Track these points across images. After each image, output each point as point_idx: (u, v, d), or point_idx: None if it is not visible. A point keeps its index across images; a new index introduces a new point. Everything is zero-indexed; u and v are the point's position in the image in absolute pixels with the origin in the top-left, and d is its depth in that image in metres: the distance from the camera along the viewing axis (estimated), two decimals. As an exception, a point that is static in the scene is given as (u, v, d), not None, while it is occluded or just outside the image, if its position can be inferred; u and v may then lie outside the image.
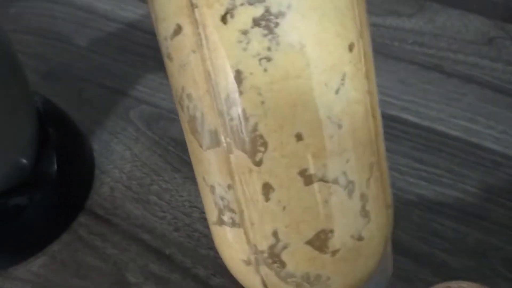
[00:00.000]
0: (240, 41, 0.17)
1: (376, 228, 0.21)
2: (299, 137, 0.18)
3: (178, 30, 0.18)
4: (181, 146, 0.35)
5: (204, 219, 0.31)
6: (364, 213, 0.20)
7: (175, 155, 0.35)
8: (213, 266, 0.29)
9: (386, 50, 0.41)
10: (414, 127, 0.35)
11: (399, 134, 0.35)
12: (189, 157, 0.34)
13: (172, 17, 0.18)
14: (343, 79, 0.18)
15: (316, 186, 0.18)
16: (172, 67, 0.20)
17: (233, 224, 0.20)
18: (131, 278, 0.29)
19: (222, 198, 0.20)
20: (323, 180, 0.18)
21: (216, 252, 0.30)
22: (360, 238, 0.20)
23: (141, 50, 0.43)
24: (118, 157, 0.35)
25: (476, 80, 0.38)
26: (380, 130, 0.20)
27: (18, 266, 0.30)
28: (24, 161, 0.30)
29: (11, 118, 0.28)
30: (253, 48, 0.17)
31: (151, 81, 0.40)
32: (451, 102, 0.36)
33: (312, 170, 0.18)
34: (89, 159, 0.35)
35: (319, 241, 0.19)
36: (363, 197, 0.19)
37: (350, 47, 0.18)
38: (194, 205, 0.32)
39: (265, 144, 0.18)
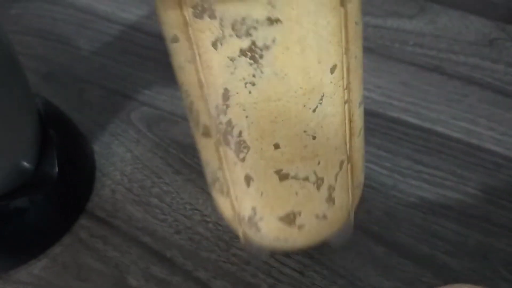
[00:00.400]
0: (228, 66, 0.18)
1: (339, 208, 0.24)
2: (276, 146, 0.21)
3: (176, 39, 0.19)
4: (182, 148, 0.35)
5: (205, 222, 0.31)
6: (330, 199, 0.23)
7: (176, 157, 0.35)
8: (214, 269, 0.29)
9: (386, 52, 0.41)
10: (415, 128, 0.35)
11: (400, 136, 0.35)
12: (190, 159, 0.34)
13: (171, 27, 0.19)
14: (321, 99, 0.20)
15: (289, 182, 0.22)
16: (173, 61, 0.21)
17: (222, 193, 0.24)
18: (132, 281, 0.29)
19: (214, 173, 0.24)
20: (295, 178, 0.22)
21: (218, 255, 0.30)
22: (324, 217, 0.24)
23: (142, 52, 0.43)
24: (119, 159, 0.35)
25: (477, 81, 0.38)
26: (357, 128, 0.23)
27: (19, 269, 0.30)
28: (25, 163, 0.30)
29: (12, 120, 0.28)
30: (240, 74, 0.18)
31: (152, 83, 0.40)
32: (452, 104, 0.36)
33: (286, 171, 0.21)
34: (90, 161, 0.35)
35: (289, 219, 0.24)
36: (330, 188, 0.23)
37: (332, 70, 0.19)
38: (195, 207, 0.32)
39: (247, 148, 0.21)
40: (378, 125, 0.35)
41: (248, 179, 0.22)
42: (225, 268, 0.29)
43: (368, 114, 0.36)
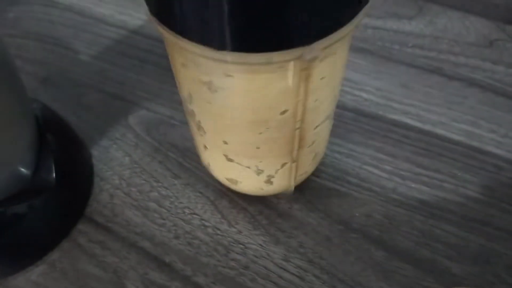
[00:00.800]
0: (193, 80, 0.22)
1: (278, 187, 0.29)
2: (225, 142, 0.25)
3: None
4: (181, 152, 0.35)
5: (204, 226, 0.31)
6: (269, 182, 0.28)
7: (175, 162, 0.34)
8: (214, 274, 0.29)
9: (386, 53, 0.40)
10: (415, 131, 0.35)
11: (400, 139, 0.34)
12: (189, 163, 0.34)
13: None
14: (267, 128, 0.23)
15: (234, 164, 0.27)
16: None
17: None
18: (131, 287, 0.29)
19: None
20: (239, 164, 0.27)
21: (217, 260, 0.29)
22: (261, 189, 0.29)
23: (141, 55, 0.42)
24: (118, 163, 0.35)
25: (477, 83, 0.38)
26: (308, 142, 0.26)
27: (17, 275, 0.30)
28: (23, 169, 0.30)
29: (9, 126, 0.28)
30: (200, 90, 0.22)
31: (150, 86, 0.40)
32: (453, 106, 0.36)
33: (232, 158, 0.26)
34: (88, 165, 0.34)
35: (232, 181, 0.29)
36: (269, 176, 0.27)
37: (282, 113, 0.22)
38: (194, 212, 0.32)
39: (204, 132, 0.26)
40: (378, 128, 0.35)
41: (205, 147, 0.28)
42: (224, 273, 0.29)
43: (368, 117, 0.36)
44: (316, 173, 0.33)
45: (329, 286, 0.28)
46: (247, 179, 0.28)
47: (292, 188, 0.30)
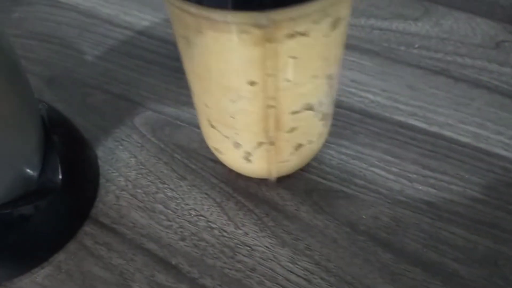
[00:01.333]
0: (179, 36, 0.24)
1: (258, 168, 0.30)
2: (206, 105, 0.27)
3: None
4: (187, 153, 0.35)
5: (210, 228, 0.31)
6: (248, 160, 0.29)
7: (181, 163, 0.34)
8: (220, 276, 0.29)
9: (392, 55, 0.40)
10: (422, 133, 0.35)
11: (407, 140, 0.34)
12: (195, 164, 0.34)
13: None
14: (239, 96, 0.24)
15: (215, 131, 0.28)
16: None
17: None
18: (137, 289, 0.29)
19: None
20: (220, 132, 0.28)
21: (223, 262, 0.29)
22: (242, 167, 0.31)
23: (146, 56, 0.42)
24: (123, 164, 0.35)
25: (484, 84, 0.37)
26: (286, 127, 0.26)
27: (22, 277, 0.30)
28: (29, 170, 0.30)
29: (15, 127, 0.28)
30: (184, 47, 0.24)
31: (156, 87, 0.40)
32: (459, 107, 0.36)
33: (213, 124, 0.28)
34: (94, 167, 0.34)
35: (217, 151, 0.31)
36: (247, 153, 0.28)
37: (251, 83, 0.23)
38: (200, 213, 0.32)
39: (193, 94, 0.28)
40: (385, 130, 0.35)
41: (196, 111, 0.30)
42: (231, 275, 0.29)
43: (374, 118, 0.36)
44: (322, 175, 0.33)
45: (336, 288, 0.28)
46: (227, 151, 0.29)
47: (274, 175, 0.30)
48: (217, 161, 0.34)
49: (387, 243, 0.30)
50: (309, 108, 0.26)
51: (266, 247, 0.30)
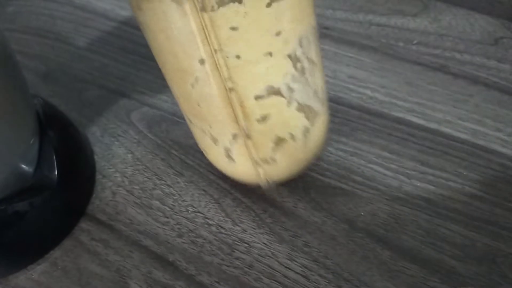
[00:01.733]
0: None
1: (242, 167, 0.28)
2: (177, 97, 0.27)
3: None
4: (184, 149, 0.35)
5: (208, 224, 0.31)
6: (229, 157, 0.28)
7: (178, 159, 0.34)
8: (218, 273, 0.29)
9: (391, 51, 0.40)
10: (420, 129, 0.35)
11: (405, 137, 0.34)
12: (192, 160, 0.34)
13: None
14: (196, 80, 0.24)
15: (194, 127, 0.28)
16: None
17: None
18: (134, 286, 0.28)
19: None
20: (197, 127, 0.28)
21: (221, 259, 0.29)
22: (227, 167, 0.29)
23: (143, 51, 0.42)
24: (120, 160, 0.34)
25: (482, 81, 0.37)
26: (254, 115, 0.25)
27: (18, 274, 0.29)
28: (24, 166, 0.29)
29: (10, 122, 0.27)
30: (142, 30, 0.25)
31: (153, 83, 0.39)
32: (458, 104, 0.36)
33: (189, 117, 0.28)
34: (90, 163, 0.34)
35: (204, 151, 0.30)
36: (226, 149, 0.27)
37: (200, 62, 0.23)
38: (198, 210, 0.31)
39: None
40: (383, 126, 0.35)
41: None
42: (229, 272, 0.29)
43: (373, 114, 0.35)
44: (320, 171, 0.33)
45: (334, 285, 0.28)
46: (210, 149, 0.29)
47: (263, 178, 0.28)
48: (214, 157, 0.34)
49: (385, 240, 0.29)
50: (276, 93, 0.25)
51: (264, 243, 0.30)
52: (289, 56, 0.24)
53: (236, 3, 0.21)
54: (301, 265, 0.29)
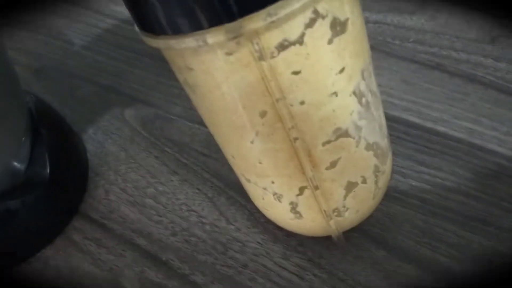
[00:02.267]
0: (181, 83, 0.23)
1: (311, 221, 0.26)
2: (233, 157, 0.25)
3: None
4: (178, 147, 0.34)
5: (201, 223, 0.30)
6: (296, 212, 0.26)
7: (172, 157, 0.34)
8: (212, 272, 0.28)
9: (387, 49, 0.40)
10: (416, 128, 0.34)
11: (401, 136, 0.34)
12: (186, 159, 0.34)
13: None
14: (256, 135, 0.22)
15: (252, 185, 0.26)
16: None
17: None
18: (127, 285, 0.28)
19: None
20: (256, 185, 0.25)
21: (215, 259, 0.29)
22: (292, 223, 0.27)
23: (137, 47, 0.41)
24: (113, 158, 0.34)
25: (479, 79, 0.37)
26: (323, 162, 0.23)
27: (9, 272, 0.29)
28: (16, 163, 0.29)
29: (1, 119, 0.27)
30: (189, 94, 0.23)
31: (147, 79, 0.39)
32: (454, 103, 0.36)
33: (247, 177, 0.25)
34: (83, 160, 0.34)
35: (264, 209, 0.28)
36: (292, 203, 0.25)
37: (261, 114, 0.21)
38: (192, 208, 0.31)
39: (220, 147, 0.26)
40: (379, 124, 0.35)
41: None
42: (223, 271, 0.29)
43: (369, 113, 0.35)
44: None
45: (329, 285, 0.28)
46: (272, 206, 0.26)
47: (335, 231, 0.26)
48: (209, 156, 0.33)
49: (380, 240, 0.29)
50: (344, 134, 0.23)
51: (258, 243, 0.30)
52: (354, 93, 0.22)
53: (297, 45, 0.19)
54: (296, 265, 0.29)
